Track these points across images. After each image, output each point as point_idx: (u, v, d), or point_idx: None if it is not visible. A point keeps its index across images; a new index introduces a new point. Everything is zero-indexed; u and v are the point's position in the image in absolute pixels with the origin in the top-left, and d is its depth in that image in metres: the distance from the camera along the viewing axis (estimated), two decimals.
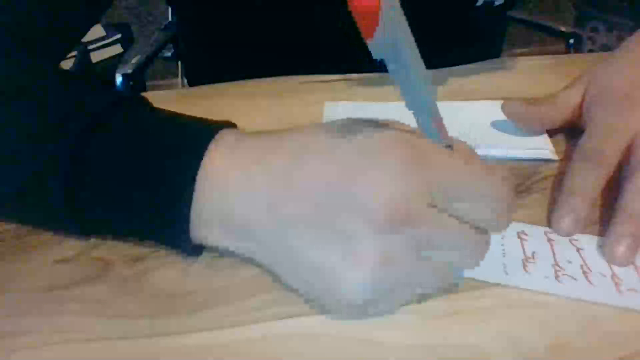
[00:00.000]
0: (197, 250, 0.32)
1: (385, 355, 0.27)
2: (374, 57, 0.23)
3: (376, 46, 0.22)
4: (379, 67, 0.24)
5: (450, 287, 0.30)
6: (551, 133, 0.44)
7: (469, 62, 0.57)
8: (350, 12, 0.21)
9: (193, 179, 0.28)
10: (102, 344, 0.28)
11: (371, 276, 0.26)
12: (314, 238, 0.27)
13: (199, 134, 0.30)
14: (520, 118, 0.44)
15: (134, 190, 0.30)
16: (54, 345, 0.28)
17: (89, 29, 0.49)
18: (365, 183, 0.26)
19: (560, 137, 0.44)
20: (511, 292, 0.30)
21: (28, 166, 0.31)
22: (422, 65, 0.25)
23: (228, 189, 0.28)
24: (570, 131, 0.44)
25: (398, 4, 0.22)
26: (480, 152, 0.41)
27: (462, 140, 0.29)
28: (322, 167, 0.27)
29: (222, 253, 0.32)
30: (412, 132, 0.28)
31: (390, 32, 0.22)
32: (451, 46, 0.60)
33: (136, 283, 0.31)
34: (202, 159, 0.29)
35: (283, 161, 0.28)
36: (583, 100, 0.42)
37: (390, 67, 0.24)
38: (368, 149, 0.27)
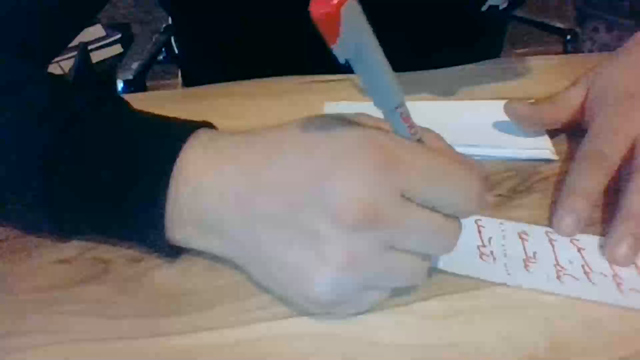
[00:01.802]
0: (173, 251, 0.31)
1: (385, 355, 0.27)
2: (340, 61, 0.23)
3: (340, 51, 0.22)
4: (346, 68, 0.24)
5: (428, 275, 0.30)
6: (551, 133, 0.44)
7: (469, 62, 0.57)
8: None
9: (167, 178, 0.29)
10: (102, 344, 0.28)
11: (337, 276, 0.26)
12: (282, 236, 0.27)
13: (175, 134, 0.30)
14: (521, 118, 0.44)
15: (109, 189, 0.30)
16: (54, 345, 0.28)
17: (77, 33, 0.49)
18: (333, 183, 0.26)
19: (561, 137, 0.44)
20: (511, 292, 0.30)
21: (5, 164, 0.31)
22: (388, 65, 0.25)
23: (201, 186, 0.29)
24: (570, 131, 0.44)
25: (360, 9, 0.22)
26: (480, 152, 0.42)
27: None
28: (292, 166, 0.27)
29: (199, 253, 0.32)
30: (384, 130, 0.28)
31: (353, 37, 0.22)
32: (452, 46, 0.60)
33: (136, 283, 0.31)
34: (176, 158, 0.29)
35: (254, 159, 0.28)
36: (585, 100, 0.42)
37: (356, 68, 0.24)
38: (338, 149, 0.27)
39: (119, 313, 0.29)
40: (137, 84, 0.85)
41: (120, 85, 0.84)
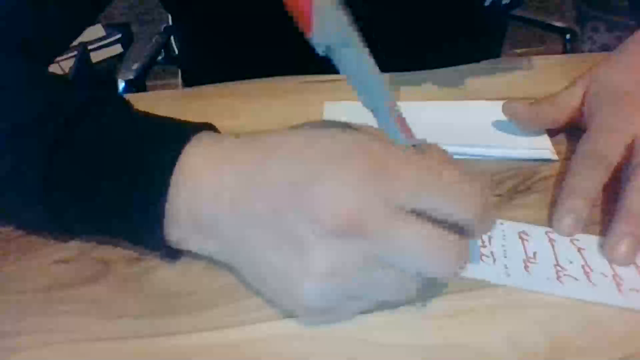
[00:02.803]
0: (172, 252, 0.31)
1: (385, 356, 0.27)
2: (318, 53, 0.23)
3: (317, 41, 0.22)
4: (326, 62, 0.24)
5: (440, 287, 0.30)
6: (551, 133, 0.44)
7: (470, 62, 0.57)
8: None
9: (166, 182, 0.29)
10: (102, 344, 0.28)
11: (322, 285, 0.26)
12: (269, 239, 0.27)
13: (175, 137, 0.30)
14: (520, 118, 0.44)
15: (109, 189, 0.30)
16: (54, 345, 0.28)
17: (79, 34, 0.49)
18: (320, 191, 0.26)
19: (560, 137, 0.44)
20: (511, 292, 0.30)
21: (6, 163, 0.31)
22: (372, 63, 0.24)
23: (198, 187, 0.29)
24: (570, 131, 0.44)
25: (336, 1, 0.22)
26: (480, 152, 0.42)
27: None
28: (281, 169, 0.27)
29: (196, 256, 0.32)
30: (380, 137, 0.27)
31: (329, 25, 0.22)
32: (452, 46, 0.60)
33: (136, 283, 0.31)
34: (176, 162, 0.29)
35: (250, 161, 0.28)
36: (584, 100, 0.42)
37: (337, 62, 0.24)
38: (326, 154, 0.27)
39: (119, 313, 0.29)
40: (137, 84, 0.85)
41: (121, 85, 0.84)
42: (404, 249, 0.26)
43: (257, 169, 0.28)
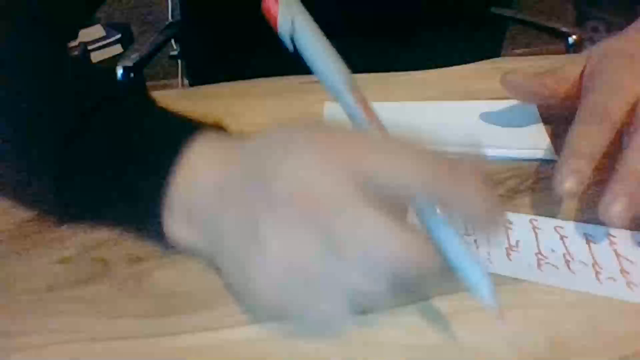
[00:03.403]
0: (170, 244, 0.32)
1: (385, 355, 0.27)
2: (288, 49, 0.24)
3: (281, 32, 0.24)
4: (296, 59, 0.25)
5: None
6: (552, 132, 0.44)
7: (470, 62, 0.57)
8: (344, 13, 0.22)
9: (170, 174, 0.30)
10: (102, 344, 0.28)
11: (283, 269, 0.25)
12: (237, 225, 0.27)
13: (183, 132, 0.31)
14: (520, 90, 0.44)
15: (115, 182, 0.31)
16: (54, 345, 0.28)
17: (94, 13, 0.50)
18: (279, 172, 0.26)
19: (562, 136, 0.44)
20: (511, 292, 0.30)
21: (24, 146, 0.33)
22: (329, 47, 0.26)
23: (195, 180, 0.30)
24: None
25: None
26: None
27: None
28: (253, 153, 0.28)
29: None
30: (345, 129, 0.28)
31: (289, 16, 0.24)
32: (452, 45, 0.60)
33: (136, 283, 0.31)
34: (178, 156, 0.30)
35: (235, 150, 0.30)
36: (584, 70, 0.42)
37: (300, 53, 0.25)
38: (292, 139, 0.27)
39: (119, 313, 0.29)
40: (135, 71, 0.84)
41: (119, 71, 0.82)
42: (361, 230, 0.25)
43: (237, 155, 0.29)
